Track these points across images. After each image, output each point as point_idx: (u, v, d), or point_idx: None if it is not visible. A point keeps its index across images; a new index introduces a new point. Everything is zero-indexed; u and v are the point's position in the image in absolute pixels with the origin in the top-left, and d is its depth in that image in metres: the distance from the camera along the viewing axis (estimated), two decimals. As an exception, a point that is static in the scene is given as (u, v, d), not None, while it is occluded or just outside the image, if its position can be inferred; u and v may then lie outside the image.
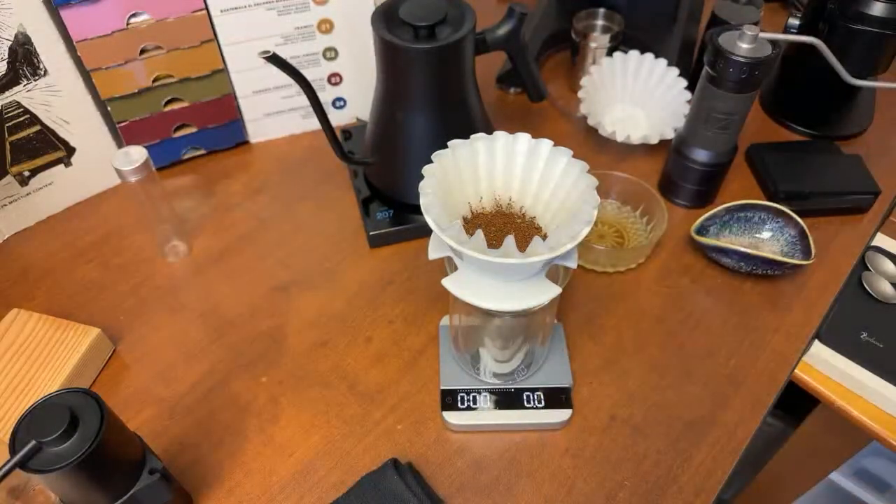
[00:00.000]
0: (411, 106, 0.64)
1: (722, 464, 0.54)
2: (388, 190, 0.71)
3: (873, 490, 1.04)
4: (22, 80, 0.64)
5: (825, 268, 0.68)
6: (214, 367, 0.60)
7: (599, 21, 0.89)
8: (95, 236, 0.72)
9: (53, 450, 0.39)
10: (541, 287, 0.46)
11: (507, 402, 0.56)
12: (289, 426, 0.57)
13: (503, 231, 0.48)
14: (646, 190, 0.70)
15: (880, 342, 0.70)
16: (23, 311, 0.61)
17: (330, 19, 0.74)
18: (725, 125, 0.65)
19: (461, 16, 0.61)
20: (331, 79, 0.80)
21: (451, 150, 0.47)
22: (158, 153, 0.76)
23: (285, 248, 0.70)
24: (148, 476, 0.45)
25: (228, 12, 0.69)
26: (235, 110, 0.78)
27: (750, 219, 0.70)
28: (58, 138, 0.69)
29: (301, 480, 0.53)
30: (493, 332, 0.54)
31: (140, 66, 0.69)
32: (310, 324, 0.64)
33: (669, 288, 0.67)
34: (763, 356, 0.61)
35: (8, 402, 0.55)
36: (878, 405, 0.69)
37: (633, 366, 0.60)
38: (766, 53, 0.60)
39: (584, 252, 0.66)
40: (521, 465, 0.54)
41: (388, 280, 0.67)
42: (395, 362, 0.61)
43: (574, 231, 0.42)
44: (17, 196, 0.70)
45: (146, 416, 0.57)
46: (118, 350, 0.62)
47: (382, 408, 0.58)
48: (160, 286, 0.67)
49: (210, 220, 0.73)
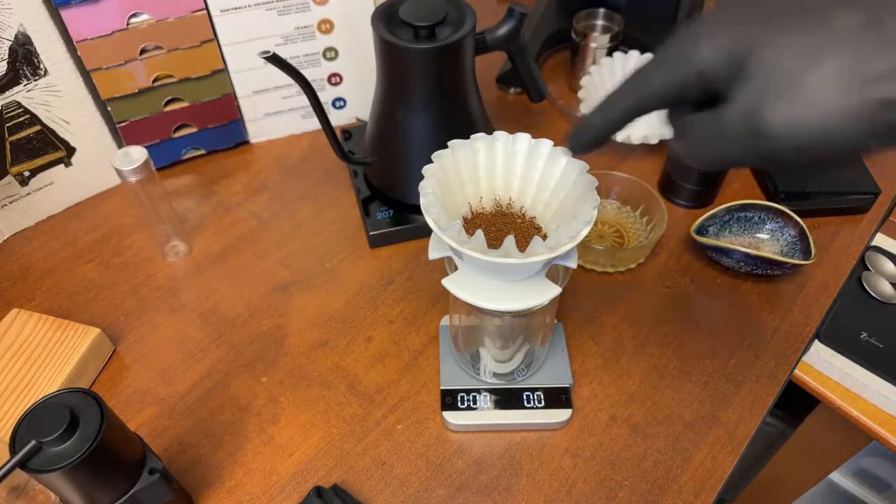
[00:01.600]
0: (411, 106, 0.64)
1: (722, 464, 0.54)
2: (388, 190, 0.71)
3: (873, 490, 1.04)
4: (22, 80, 0.64)
5: (825, 268, 0.68)
6: (214, 367, 0.60)
7: (599, 21, 0.89)
8: (95, 236, 0.72)
9: (53, 450, 0.39)
10: (541, 287, 0.46)
11: (507, 402, 0.56)
12: (289, 426, 0.57)
13: (503, 231, 0.48)
14: (646, 190, 0.70)
15: (880, 342, 0.70)
16: (23, 311, 0.61)
17: (330, 19, 0.74)
18: (725, 125, 0.65)
19: (461, 16, 0.61)
20: (331, 79, 0.80)
21: (451, 150, 0.47)
22: (158, 153, 0.76)
23: (285, 248, 0.70)
24: (148, 476, 0.45)
25: (228, 12, 0.69)
26: (235, 110, 0.78)
27: (750, 219, 0.70)
28: (58, 138, 0.69)
29: (301, 480, 0.53)
30: (493, 332, 0.54)
31: (140, 66, 0.69)
32: (310, 324, 0.64)
33: (669, 288, 0.67)
34: (763, 356, 0.61)
35: (8, 402, 0.55)
36: (878, 405, 0.69)
37: (633, 366, 0.60)
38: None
39: (584, 252, 0.66)
40: (521, 465, 0.54)
41: (388, 280, 0.67)
42: (395, 362, 0.61)
43: (574, 231, 0.42)
44: (17, 196, 0.70)
45: (146, 416, 0.57)
46: (118, 350, 0.62)
47: (382, 408, 0.58)
48: (160, 286, 0.67)
49: (210, 220, 0.73)
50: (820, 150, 0.27)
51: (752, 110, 0.28)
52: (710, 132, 0.30)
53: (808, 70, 0.26)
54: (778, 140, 0.28)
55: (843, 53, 0.26)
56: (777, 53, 0.27)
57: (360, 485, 0.53)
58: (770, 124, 0.27)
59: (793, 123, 0.27)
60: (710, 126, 0.30)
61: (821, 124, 0.26)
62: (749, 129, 0.28)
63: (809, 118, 0.27)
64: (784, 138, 0.27)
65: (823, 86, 0.26)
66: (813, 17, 0.27)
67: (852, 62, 0.26)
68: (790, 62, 0.27)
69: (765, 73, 0.27)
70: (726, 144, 0.30)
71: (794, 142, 0.27)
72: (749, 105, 0.28)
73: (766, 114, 0.27)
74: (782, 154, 0.28)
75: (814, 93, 0.26)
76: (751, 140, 0.28)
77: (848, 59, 0.26)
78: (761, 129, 0.28)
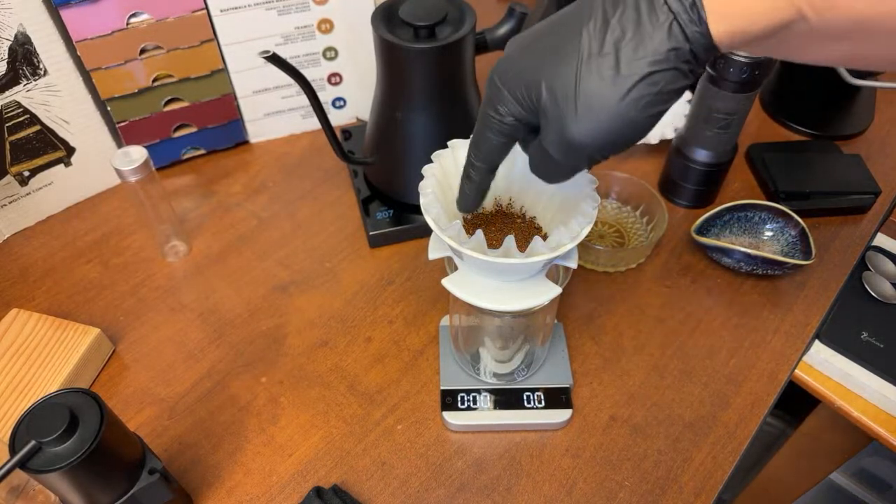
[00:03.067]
0: (411, 106, 0.64)
1: (722, 464, 0.54)
2: (388, 190, 0.71)
3: (873, 490, 1.04)
4: (22, 80, 0.64)
5: (825, 268, 0.68)
6: (214, 368, 0.60)
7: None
8: (95, 236, 0.72)
9: (53, 450, 0.39)
10: (541, 287, 0.46)
11: (507, 402, 0.56)
12: (289, 426, 0.57)
13: (503, 231, 0.48)
14: (646, 190, 0.69)
15: (880, 342, 0.70)
16: (23, 311, 0.61)
17: (330, 19, 0.74)
18: (726, 125, 0.65)
19: (461, 16, 0.61)
20: (331, 79, 0.79)
21: (451, 150, 0.47)
22: (158, 153, 0.76)
23: (285, 248, 0.70)
24: (148, 476, 0.45)
25: (228, 12, 0.69)
26: (235, 110, 0.78)
27: (750, 219, 0.70)
28: (58, 138, 0.69)
29: (301, 480, 0.53)
30: (493, 332, 0.54)
31: (140, 66, 0.69)
32: (310, 324, 0.64)
33: (669, 288, 0.67)
34: (763, 356, 0.61)
35: (8, 402, 0.55)
36: (878, 405, 0.69)
37: (633, 366, 0.60)
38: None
39: (584, 252, 0.66)
40: (521, 465, 0.54)
41: (388, 280, 0.67)
42: (395, 362, 0.61)
43: (574, 231, 0.42)
44: (17, 196, 0.70)
45: (146, 416, 0.57)
46: (118, 350, 0.62)
47: (382, 408, 0.58)
48: (160, 286, 0.67)
49: (210, 220, 0.73)
50: (614, 140, 0.33)
51: (560, 134, 0.34)
52: (543, 155, 0.36)
53: (581, 88, 0.33)
54: (589, 146, 0.34)
55: (599, 63, 0.32)
56: (553, 86, 0.34)
57: (360, 485, 0.53)
58: (577, 138, 0.33)
59: (592, 129, 0.33)
60: (541, 151, 0.36)
61: (608, 122, 0.33)
62: (563, 148, 0.35)
63: (601, 121, 0.33)
64: (591, 144, 0.34)
65: (597, 94, 0.32)
66: (567, 50, 0.33)
67: (608, 65, 0.32)
68: (564, 89, 0.33)
69: (552, 103, 0.34)
70: (554, 163, 0.36)
71: (599, 141, 0.33)
72: (554, 131, 0.34)
73: (571, 132, 0.33)
74: (594, 156, 0.35)
75: (594, 100, 0.32)
76: (568, 154, 0.35)
77: (605, 65, 0.32)
78: (573, 143, 0.34)
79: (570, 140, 0.34)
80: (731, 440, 0.56)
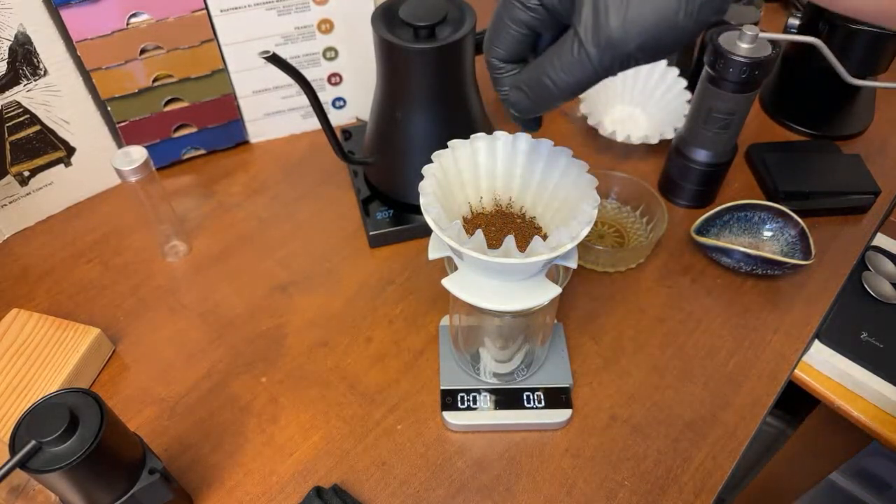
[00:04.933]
0: (411, 106, 0.64)
1: (722, 464, 0.54)
2: (388, 190, 0.71)
3: (873, 490, 1.04)
4: (22, 80, 0.64)
5: (825, 268, 0.68)
6: (214, 367, 0.60)
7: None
8: (95, 236, 0.72)
9: (53, 450, 0.39)
10: (541, 287, 0.46)
11: (507, 402, 0.56)
12: (289, 426, 0.57)
13: (503, 231, 0.48)
14: (646, 190, 0.70)
15: (880, 342, 0.70)
16: (23, 311, 0.61)
17: (330, 19, 0.74)
18: (725, 125, 0.65)
19: (461, 16, 0.61)
20: (331, 79, 0.80)
21: (451, 149, 0.47)
22: (158, 153, 0.76)
23: (285, 248, 0.70)
24: (148, 476, 0.45)
25: (228, 12, 0.69)
26: (235, 110, 0.78)
27: (750, 219, 0.70)
28: (58, 138, 0.69)
29: (301, 480, 0.53)
30: (493, 332, 0.54)
31: (140, 66, 0.69)
32: (310, 324, 0.64)
33: (669, 288, 0.67)
34: (763, 356, 0.61)
35: (8, 402, 0.55)
36: (878, 405, 0.69)
37: (633, 366, 0.60)
38: (766, 53, 0.60)
39: (584, 252, 0.66)
40: (521, 465, 0.54)
41: (388, 280, 0.67)
42: (395, 362, 0.61)
43: (574, 231, 0.42)
44: (17, 196, 0.70)
45: (146, 416, 0.57)
46: (118, 350, 0.62)
47: (382, 408, 0.58)
48: (160, 286, 0.67)
49: (210, 220, 0.73)
50: (657, 44, 0.31)
51: (597, 23, 0.31)
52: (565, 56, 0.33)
53: None
54: (626, 44, 0.31)
55: None
56: None
57: (360, 485, 0.53)
58: (616, 30, 0.30)
59: (635, 22, 0.30)
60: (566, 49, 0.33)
61: (654, 18, 0.30)
62: (598, 41, 0.31)
63: (645, 14, 0.30)
64: (630, 40, 0.31)
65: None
66: None
67: None
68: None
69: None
70: (580, 64, 0.33)
71: (640, 39, 0.30)
72: (592, 20, 0.31)
73: (611, 22, 0.30)
74: (630, 57, 0.31)
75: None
76: (603, 51, 0.31)
77: None
78: (611, 36, 0.31)
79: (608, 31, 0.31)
80: (730, 440, 0.56)
